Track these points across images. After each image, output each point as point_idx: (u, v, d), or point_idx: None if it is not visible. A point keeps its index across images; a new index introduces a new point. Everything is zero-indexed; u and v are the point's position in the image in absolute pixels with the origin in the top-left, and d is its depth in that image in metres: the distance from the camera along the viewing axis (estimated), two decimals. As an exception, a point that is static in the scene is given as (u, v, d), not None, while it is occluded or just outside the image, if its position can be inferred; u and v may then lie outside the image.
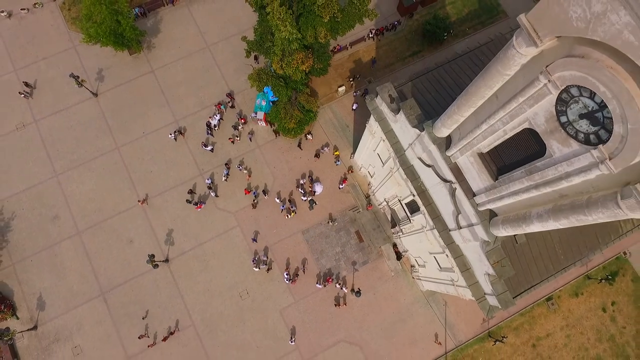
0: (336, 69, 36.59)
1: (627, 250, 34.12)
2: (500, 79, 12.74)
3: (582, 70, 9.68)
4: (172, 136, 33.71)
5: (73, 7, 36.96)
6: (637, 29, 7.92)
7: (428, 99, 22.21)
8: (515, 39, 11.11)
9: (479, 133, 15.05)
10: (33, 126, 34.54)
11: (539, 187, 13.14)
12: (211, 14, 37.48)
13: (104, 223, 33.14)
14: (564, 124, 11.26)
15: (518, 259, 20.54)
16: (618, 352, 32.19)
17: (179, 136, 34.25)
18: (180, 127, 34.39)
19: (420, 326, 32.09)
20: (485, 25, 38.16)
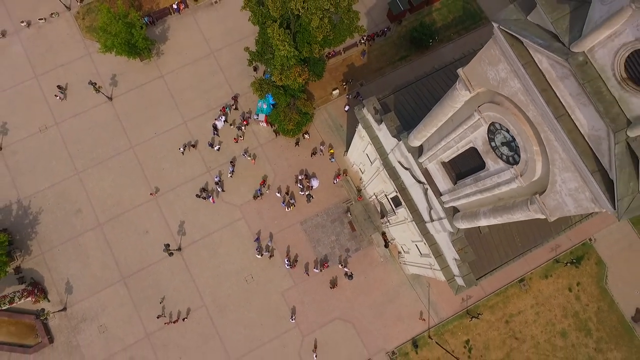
0: (331, 72, 40.19)
1: (593, 237, 38.44)
2: (451, 109, 16.73)
3: (499, 113, 13.69)
4: (181, 150, 37.35)
5: (87, 16, 40.31)
6: (525, 92, 11.94)
7: (408, 110, 26.09)
8: (458, 84, 15.07)
9: (441, 147, 19.09)
10: (54, 128, 38.35)
11: (483, 192, 17.28)
12: (215, 21, 40.86)
13: (122, 216, 37.28)
14: (493, 147, 15.33)
15: (482, 247, 24.81)
16: (581, 327, 36.84)
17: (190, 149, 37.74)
18: (189, 141, 37.96)
19: (406, 305, 36.62)
20: (469, 30, 41.63)
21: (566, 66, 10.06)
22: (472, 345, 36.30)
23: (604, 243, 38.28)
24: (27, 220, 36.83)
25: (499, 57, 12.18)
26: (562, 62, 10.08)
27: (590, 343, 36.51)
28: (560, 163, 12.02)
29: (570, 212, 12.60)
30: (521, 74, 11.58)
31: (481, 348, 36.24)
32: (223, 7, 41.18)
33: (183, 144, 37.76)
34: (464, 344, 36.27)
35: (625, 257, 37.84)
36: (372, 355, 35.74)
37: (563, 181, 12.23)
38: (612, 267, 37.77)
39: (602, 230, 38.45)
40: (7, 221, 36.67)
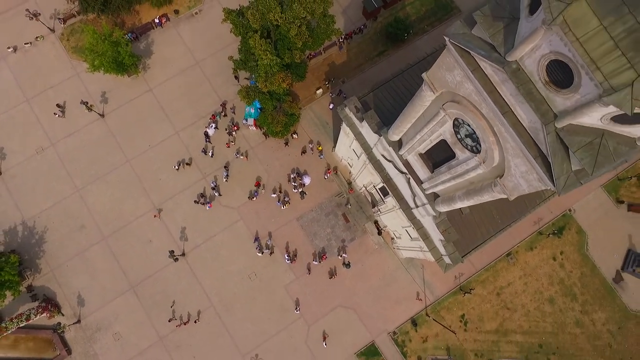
0: (313, 73, 42.06)
1: (572, 208, 41.13)
2: (421, 107, 18.88)
3: (459, 110, 15.86)
4: (176, 167, 39.10)
5: (71, 37, 41.59)
6: (477, 93, 14.10)
7: (387, 106, 28.20)
8: (424, 86, 17.20)
9: (417, 140, 21.28)
10: (51, 149, 39.84)
11: (456, 178, 19.54)
12: (197, 32, 42.40)
13: (125, 228, 39.07)
14: (459, 139, 17.55)
15: (465, 227, 27.21)
16: (567, 292, 39.66)
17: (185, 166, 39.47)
18: (183, 159, 39.65)
19: (402, 288, 39.09)
20: (442, 21, 43.70)
21: (504, 72, 12.21)
22: (468, 318, 38.94)
23: (583, 213, 40.99)
24: (33, 240, 38.47)
25: (453, 64, 14.31)
26: (500, 69, 12.24)
27: (577, 306, 39.36)
28: (511, 151, 14.26)
29: (525, 190, 14.87)
30: (471, 78, 13.73)
31: (476, 321, 38.91)
32: (204, 18, 42.69)
33: (177, 162, 39.43)
34: (460, 318, 38.90)
35: (602, 224, 40.62)
36: (375, 337, 38.22)
37: (516, 166, 14.47)
38: (591, 234, 40.54)
39: (580, 200, 41.13)
40: (15, 242, 38.29)
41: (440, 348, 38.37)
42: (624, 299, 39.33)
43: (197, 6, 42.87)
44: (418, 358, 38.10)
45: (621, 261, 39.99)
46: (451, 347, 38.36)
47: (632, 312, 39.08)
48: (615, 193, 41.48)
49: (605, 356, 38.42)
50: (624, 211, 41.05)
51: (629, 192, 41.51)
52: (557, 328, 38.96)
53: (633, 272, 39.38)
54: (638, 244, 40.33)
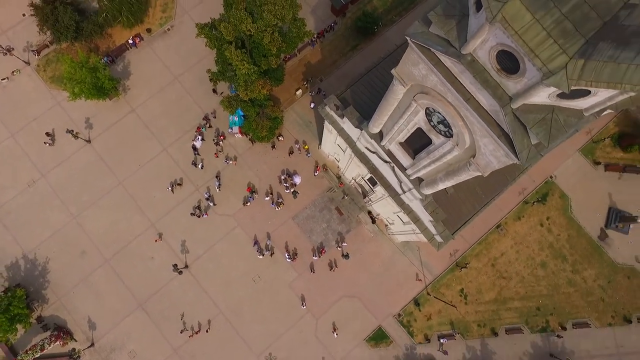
0: (291, 74, 43.21)
1: (553, 174, 43.16)
2: (395, 100, 20.30)
3: (428, 100, 17.31)
4: (169, 189, 39.99)
5: (47, 67, 42.04)
6: (442, 84, 15.54)
7: (365, 100, 29.57)
8: (395, 81, 18.60)
9: (395, 130, 22.72)
10: (42, 181, 40.43)
11: (435, 162, 21.06)
12: (172, 48, 43.17)
13: (125, 248, 39.97)
14: (433, 126, 19.03)
15: (451, 205, 28.82)
16: (557, 255, 41.76)
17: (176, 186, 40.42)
18: (175, 179, 40.52)
19: (402, 271, 40.78)
20: (409, 10, 45.13)
21: (461, 64, 13.66)
22: (467, 292, 40.83)
23: (563, 178, 43.05)
24: (36, 271, 39.17)
25: (417, 60, 15.72)
26: (457, 62, 13.68)
27: (567, 267, 41.51)
28: (479, 132, 15.76)
29: (496, 166, 16.42)
30: (434, 72, 15.17)
31: (475, 293, 40.82)
32: (176, 33, 43.47)
33: (170, 182, 40.33)
34: (459, 292, 40.77)
35: (583, 186, 42.76)
36: (381, 321, 39.91)
37: (485, 145, 15.99)
38: (573, 197, 42.65)
39: (560, 167, 43.18)
40: (19, 276, 38.95)
41: (445, 323, 40.23)
42: (610, 254, 41.59)
43: (168, 22, 43.61)
44: (424, 336, 39.90)
45: (604, 219, 42.21)
46: (454, 321, 40.24)
47: (619, 266, 41.37)
48: (591, 155, 43.61)
49: (599, 310, 40.69)
50: (602, 172, 43.23)
51: (605, 153, 43.70)
52: (551, 290, 41.07)
53: (616, 227, 41.64)
54: (618, 201, 42.58)
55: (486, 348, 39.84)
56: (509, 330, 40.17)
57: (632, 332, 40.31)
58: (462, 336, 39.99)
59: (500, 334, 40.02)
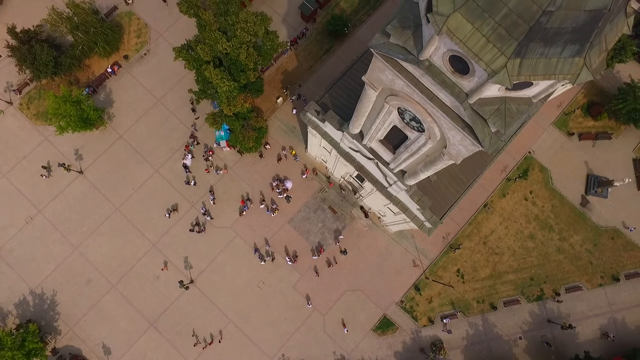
0: (270, 84, 44.74)
1: (531, 150, 45.35)
2: (369, 103, 22.03)
3: (399, 101, 19.06)
4: (167, 216, 41.30)
5: (30, 104, 42.98)
6: (408, 86, 17.27)
7: (343, 102, 31.26)
8: (366, 86, 20.30)
9: (374, 129, 24.46)
10: (40, 216, 41.42)
11: (413, 155, 22.85)
12: (151, 71, 44.37)
13: (130, 271, 41.19)
14: (406, 123, 20.80)
15: (436, 192, 30.71)
16: (543, 226, 43.99)
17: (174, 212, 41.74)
18: (172, 206, 41.83)
19: (399, 259, 42.66)
20: (375, 8, 46.94)
21: (420, 69, 15.40)
22: (463, 272, 42.88)
23: (541, 151, 45.29)
24: (45, 305, 40.21)
25: (383, 67, 17.43)
26: (417, 67, 15.42)
27: (555, 236, 43.78)
28: (446, 126, 17.55)
29: (465, 154, 18.23)
30: (399, 77, 16.90)
31: (471, 271, 42.88)
32: (153, 57, 44.68)
33: (167, 209, 41.63)
34: (456, 273, 42.80)
35: (560, 157, 45.05)
36: (385, 310, 41.76)
37: (453, 137, 17.79)
38: (553, 169, 44.92)
39: (537, 141, 45.42)
40: (29, 312, 39.95)
41: (445, 304, 42.23)
42: (593, 219, 43.97)
43: (144, 47, 44.80)
44: (428, 318, 41.85)
45: (583, 186, 44.57)
46: (455, 300, 42.26)
47: (602, 229, 43.78)
48: (565, 127, 45.93)
49: (588, 272, 43.06)
50: (576, 141, 45.58)
51: (577, 124, 46.06)
52: (542, 259, 43.32)
53: (595, 193, 44.04)
54: (595, 168, 44.98)
55: (487, 322, 41.95)
56: (507, 302, 42.33)
57: (622, 289, 42.74)
58: (463, 314, 42.03)
59: (499, 307, 42.15)
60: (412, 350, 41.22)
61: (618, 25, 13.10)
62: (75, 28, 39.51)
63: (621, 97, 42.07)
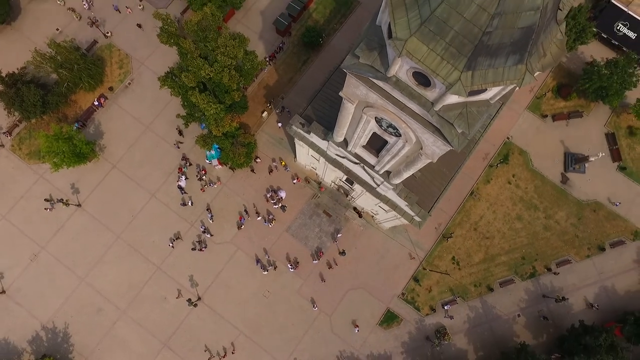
0: (253, 100, 46.56)
1: (509, 135, 47.78)
2: (349, 114, 24.01)
3: (375, 111, 21.05)
4: (171, 245, 42.74)
5: (22, 145, 44.21)
6: (381, 100, 19.26)
7: (326, 112, 33.18)
8: (344, 100, 22.27)
9: (356, 137, 26.44)
10: (43, 252, 42.64)
11: (394, 157, 24.86)
12: (137, 100, 45.90)
13: (138, 295, 42.59)
14: (384, 129, 22.82)
15: (421, 188, 32.78)
16: (529, 206, 46.39)
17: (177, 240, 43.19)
18: (174, 234, 43.22)
19: (396, 254, 44.69)
20: (347, 16, 49.12)
21: (389, 84, 17.40)
22: (458, 259, 45.05)
23: (519, 136, 47.74)
24: (59, 338, 41.41)
25: (357, 84, 19.42)
26: (386, 83, 17.42)
27: (540, 215, 46.20)
28: (419, 130, 19.57)
29: (440, 153, 20.29)
30: (372, 92, 18.89)
31: (465, 258, 45.08)
32: (138, 85, 46.22)
33: (170, 239, 43.05)
34: (452, 261, 44.96)
35: (537, 139, 47.56)
36: (388, 303, 43.72)
37: (426, 139, 19.82)
38: (531, 151, 47.39)
39: (513, 127, 47.87)
40: (43, 347, 41.13)
41: (445, 291, 44.34)
42: (574, 194, 46.50)
43: (127, 77, 46.33)
44: (430, 307, 43.92)
45: (562, 164, 47.10)
46: (453, 287, 44.40)
47: (584, 203, 46.33)
48: (538, 110, 48.48)
49: (575, 246, 45.54)
50: (551, 123, 48.15)
51: (549, 106, 48.65)
52: (531, 238, 45.70)
53: (574, 169, 46.60)
54: (570, 146, 47.56)
55: (486, 304, 44.15)
56: (503, 283, 44.59)
57: (608, 258, 45.28)
58: (462, 299, 44.18)
59: (496, 288, 44.39)
60: (418, 340, 43.23)
61: (552, 33, 15.24)
62: (60, 66, 40.95)
63: (586, 77, 44.64)
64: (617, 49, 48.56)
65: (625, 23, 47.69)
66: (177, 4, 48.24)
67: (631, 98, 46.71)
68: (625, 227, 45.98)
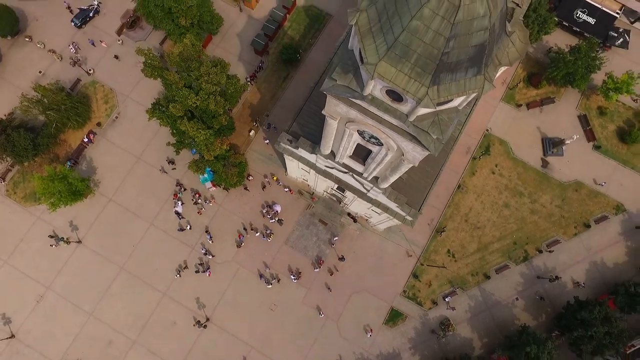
0: (239, 120, 48.19)
1: (488, 127, 50.13)
2: (333, 129, 25.81)
3: (356, 125, 22.88)
4: (178, 276, 43.91)
5: (17, 189, 45.13)
6: (360, 115, 21.10)
7: (312, 127, 34.92)
8: (327, 117, 24.07)
9: (342, 148, 28.24)
10: (48, 292, 43.47)
11: (380, 164, 26.70)
12: (125, 132, 47.20)
13: (147, 324, 43.57)
14: (367, 140, 24.66)
15: (409, 188, 34.65)
16: (514, 193, 48.64)
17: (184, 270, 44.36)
18: (180, 265, 44.37)
19: (393, 254, 46.45)
20: (321, 30, 51.23)
21: (366, 102, 19.25)
22: (453, 251, 46.99)
23: (497, 127, 50.10)
24: (73, 375, 42.15)
25: (337, 103, 21.25)
26: (363, 101, 19.26)
27: (526, 200, 48.46)
28: (398, 139, 21.44)
29: (420, 158, 22.15)
30: (351, 109, 20.72)
31: (460, 249, 47.04)
32: (125, 118, 47.56)
33: (176, 270, 44.21)
34: (447, 254, 46.87)
35: (514, 128, 49.98)
36: (391, 302, 45.38)
37: (406, 146, 21.69)
38: (511, 140, 49.76)
39: (491, 119, 50.23)
40: (58, 386, 41.79)
41: (444, 284, 46.18)
42: (555, 177, 48.91)
43: (114, 111, 47.65)
44: (431, 301, 45.68)
45: (541, 150, 49.51)
46: (451, 279, 46.27)
47: (565, 184, 48.75)
48: (512, 101, 50.97)
49: (562, 225, 47.83)
50: (526, 111, 50.65)
51: (522, 95, 51.19)
52: (520, 223, 47.88)
53: (552, 153, 49.07)
54: (547, 131, 50.07)
55: (485, 292, 46.08)
56: (498, 269, 46.61)
57: (594, 233, 47.66)
58: (462, 289, 46.05)
59: (492, 275, 46.38)
60: (424, 334, 44.91)
61: (504, 44, 17.27)
62: (47, 109, 42.19)
63: (553, 64, 47.25)
64: (580, 35, 51.43)
65: (584, 10, 50.64)
66: (156, 35, 49.86)
67: (598, 80, 49.52)
68: (606, 202, 48.46)
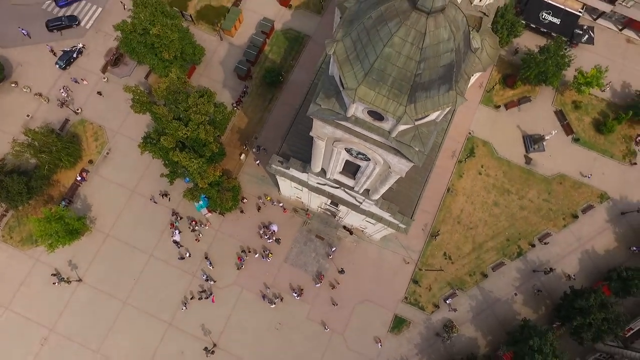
0: (229, 144, 49.37)
1: (470, 130, 52.02)
2: (321, 149, 27.15)
3: (343, 144, 24.24)
4: (184, 308, 44.27)
5: (13, 233, 45.44)
6: (346, 135, 22.47)
7: (301, 147, 36.25)
8: (314, 137, 25.39)
9: (332, 166, 29.54)
10: (53, 334, 43.49)
11: (369, 177, 28.02)
12: (118, 167, 48.02)
13: (155, 355, 43.74)
14: (355, 156, 26.01)
15: (400, 197, 36.00)
16: (502, 191, 50.32)
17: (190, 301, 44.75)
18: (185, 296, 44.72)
19: (391, 262, 47.51)
20: (300, 51, 53.07)
21: (350, 123, 20.63)
22: (449, 254, 48.23)
23: (479, 129, 52.04)
24: (83, 415, 41.93)
25: (323, 125, 22.62)
26: (347, 122, 20.65)
27: (514, 197, 50.13)
28: (384, 153, 22.83)
29: (406, 169, 23.52)
30: (337, 129, 22.10)
31: (455, 251, 48.31)
32: (116, 154, 48.44)
33: (182, 302, 44.59)
34: (444, 257, 48.09)
35: (496, 129, 51.97)
36: (394, 310, 46.26)
37: (392, 160, 23.07)
38: (493, 141, 51.68)
39: (472, 122, 52.18)
40: None
41: (444, 287, 47.27)
42: (540, 171, 50.79)
43: (105, 148, 48.53)
44: (433, 304, 46.67)
45: (523, 147, 51.46)
46: (450, 281, 47.39)
47: (549, 178, 50.63)
48: (491, 102, 53.09)
49: (551, 218, 49.52)
50: (504, 111, 52.77)
51: (499, 96, 53.38)
52: (510, 220, 49.44)
53: (534, 150, 51.04)
54: (527, 129, 52.15)
55: (484, 290, 47.25)
56: (494, 267, 47.90)
57: (582, 223, 49.39)
58: (461, 290, 47.17)
59: (489, 273, 47.63)
60: (429, 338, 45.74)
61: (470, 60, 18.87)
62: (39, 152, 42.91)
63: (526, 65, 49.57)
64: (547, 35, 54.10)
65: (549, 11, 53.41)
66: (140, 70, 51.18)
67: (569, 76, 52.01)
68: (591, 192, 50.37)
